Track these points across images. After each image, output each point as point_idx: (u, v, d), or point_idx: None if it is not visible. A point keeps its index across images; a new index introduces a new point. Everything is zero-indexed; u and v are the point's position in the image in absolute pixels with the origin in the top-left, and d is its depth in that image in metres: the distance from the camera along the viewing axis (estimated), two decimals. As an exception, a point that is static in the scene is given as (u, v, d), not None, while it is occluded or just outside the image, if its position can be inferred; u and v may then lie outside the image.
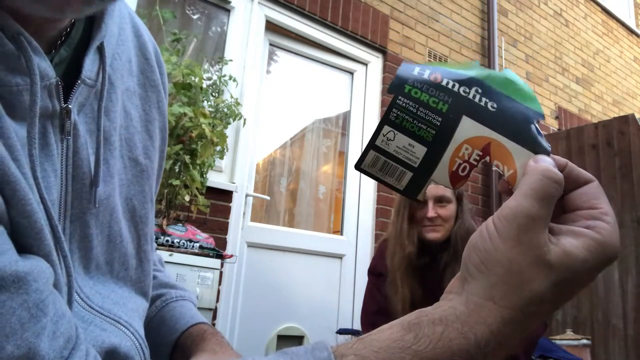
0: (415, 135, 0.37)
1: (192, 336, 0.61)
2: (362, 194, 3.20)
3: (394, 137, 0.37)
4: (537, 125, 0.37)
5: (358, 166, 0.39)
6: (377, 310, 1.61)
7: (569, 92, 4.75)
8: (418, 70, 0.38)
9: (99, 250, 0.46)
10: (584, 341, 2.61)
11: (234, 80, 2.53)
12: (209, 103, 2.31)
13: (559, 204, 0.34)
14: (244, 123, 2.57)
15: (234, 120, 2.37)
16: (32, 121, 0.36)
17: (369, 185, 3.23)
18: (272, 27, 3.05)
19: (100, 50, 0.45)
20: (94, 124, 0.45)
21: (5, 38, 0.35)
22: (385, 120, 0.37)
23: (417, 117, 0.37)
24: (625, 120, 3.17)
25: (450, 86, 0.37)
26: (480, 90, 0.37)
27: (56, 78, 0.40)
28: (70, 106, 0.41)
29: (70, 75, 0.43)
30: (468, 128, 0.36)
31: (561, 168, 0.35)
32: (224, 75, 2.50)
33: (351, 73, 3.42)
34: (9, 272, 0.29)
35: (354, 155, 3.26)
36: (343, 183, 3.24)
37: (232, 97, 2.47)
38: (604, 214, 0.33)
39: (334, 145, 3.37)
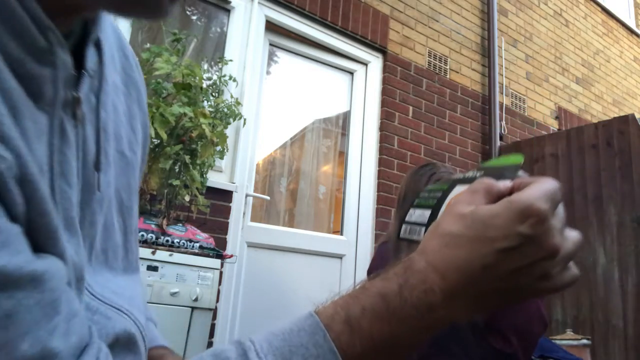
0: (425, 206, 0.53)
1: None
2: (362, 194, 3.20)
3: (414, 213, 0.54)
4: (517, 173, 0.45)
5: (398, 237, 0.55)
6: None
7: (569, 92, 4.75)
8: None
9: (98, 238, 0.47)
10: (584, 341, 2.61)
11: (234, 80, 2.53)
12: (209, 103, 2.31)
13: None
14: (244, 123, 2.57)
15: (234, 120, 2.37)
16: (54, 111, 0.38)
17: (369, 185, 3.23)
18: (272, 27, 3.05)
19: (97, 44, 0.47)
20: (93, 114, 0.46)
21: (37, 31, 0.36)
22: (411, 205, 0.55)
23: (428, 197, 0.53)
24: (625, 120, 3.17)
25: (455, 177, 0.52)
26: (476, 170, 0.51)
27: (73, 70, 0.41)
28: (80, 95, 0.42)
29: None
30: (458, 190, 0.49)
31: (527, 182, 0.40)
32: (224, 75, 2.50)
33: (351, 73, 3.43)
34: (26, 271, 0.30)
35: (354, 155, 3.27)
36: (343, 183, 3.24)
37: (232, 97, 2.47)
38: (527, 187, 0.38)
39: (334, 145, 3.37)
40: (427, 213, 0.51)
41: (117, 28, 0.59)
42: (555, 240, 0.37)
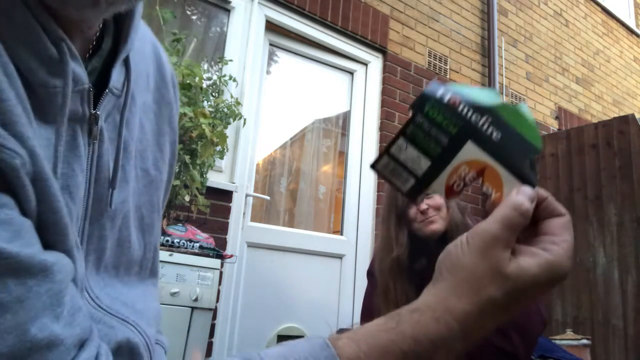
0: (423, 149, 0.43)
1: None
2: (362, 194, 3.20)
3: (406, 148, 0.43)
4: (532, 159, 0.43)
5: (373, 166, 0.45)
6: (377, 310, 1.61)
7: (569, 92, 4.75)
8: (441, 92, 0.43)
9: (109, 252, 0.48)
10: (584, 341, 2.61)
11: (234, 80, 2.53)
12: (209, 103, 2.31)
13: (533, 228, 0.42)
14: (244, 123, 2.57)
15: (234, 120, 2.37)
16: (61, 120, 0.38)
17: (369, 185, 3.23)
18: (272, 27, 3.05)
19: (126, 63, 0.48)
20: (115, 132, 0.47)
21: (49, 42, 0.37)
22: (402, 132, 0.43)
23: (429, 135, 0.43)
24: (625, 120, 3.17)
25: (464, 112, 0.42)
26: (490, 119, 0.42)
27: (89, 84, 0.42)
28: (98, 113, 0.43)
29: (99, 85, 0.45)
30: (470, 150, 0.42)
31: (542, 199, 0.42)
32: (224, 75, 2.50)
33: (351, 73, 3.43)
34: (38, 260, 0.31)
35: (354, 155, 3.27)
36: (343, 183, 3.24)
37: (232, 97, 2.47)
38: (562, 241, 0.40)
39: (334, 145, 3.37)
40: (424, 162, 0.43)
41: (158, 47, 0.60)
42: None
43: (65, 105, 0.38)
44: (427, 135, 0.43)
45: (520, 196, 0.40)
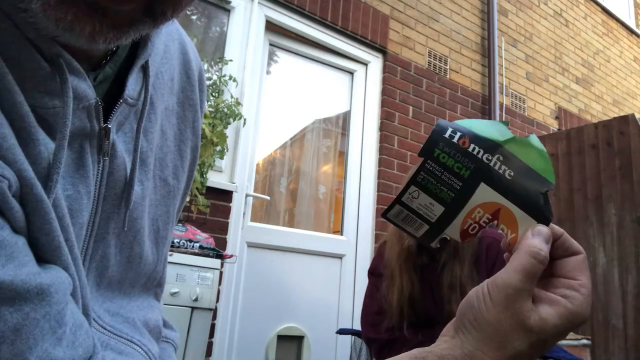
0: (436, 196, 0.42)
1: None
2: (362, 194, 3.20)
3: (418, 196, 0.42)
4: (546, 193, 0.42)
5: (384, 215, 0.44)
6: (377, 310, 1.62)
7: (569, 92, 4.74)
8: (450, 132, 0.42)
9: (115, 269, 0.46)
10: (584, 341, 2.60)
11: (234, 80, 2.53)
12: (209, 103, 2.31)
13: (549, 266, 0.41)
14: (244, 123, 2.57)
15: (234, 120, 2.37)
16: (60, 144, 0.35)
17: (369, 185, 3.23)
18: (272, 27, 3.05)
19: (145, 69, 0.45)
20: (132, 144, 0.44)
21: (43, 60, 0.34)
22: (412, 180, 0.42)
23: (441, 180, 0.42)
24: (625, 120, 3.17)
25: (475, 152, 0.42)
26: (501, 158, 0.42)
27: (96, 99, 0.39)
28: (109, 126, 0.41)
29: (113, 93, 0.43)
30: (483, 193, 0.42)
31: (557, 237, 0.41)
32: (224, 75, 2.50)
33: (351, 73, 3.42)
34: (33, 285, 0.30)
35: (354, 155, 3.27)
36: (343, 183, 3.24)
37: (232, 97, 2.47)
38: (581, 286, 0.40)
39: (334, 145, 3.37)
40: (438, 209, 0.42)
41: (186, 44, 0.56)
42: None
43: (65, 126, 0.35)
44: (438, 181, 0.42)
45: (536, 240, 0.40)
